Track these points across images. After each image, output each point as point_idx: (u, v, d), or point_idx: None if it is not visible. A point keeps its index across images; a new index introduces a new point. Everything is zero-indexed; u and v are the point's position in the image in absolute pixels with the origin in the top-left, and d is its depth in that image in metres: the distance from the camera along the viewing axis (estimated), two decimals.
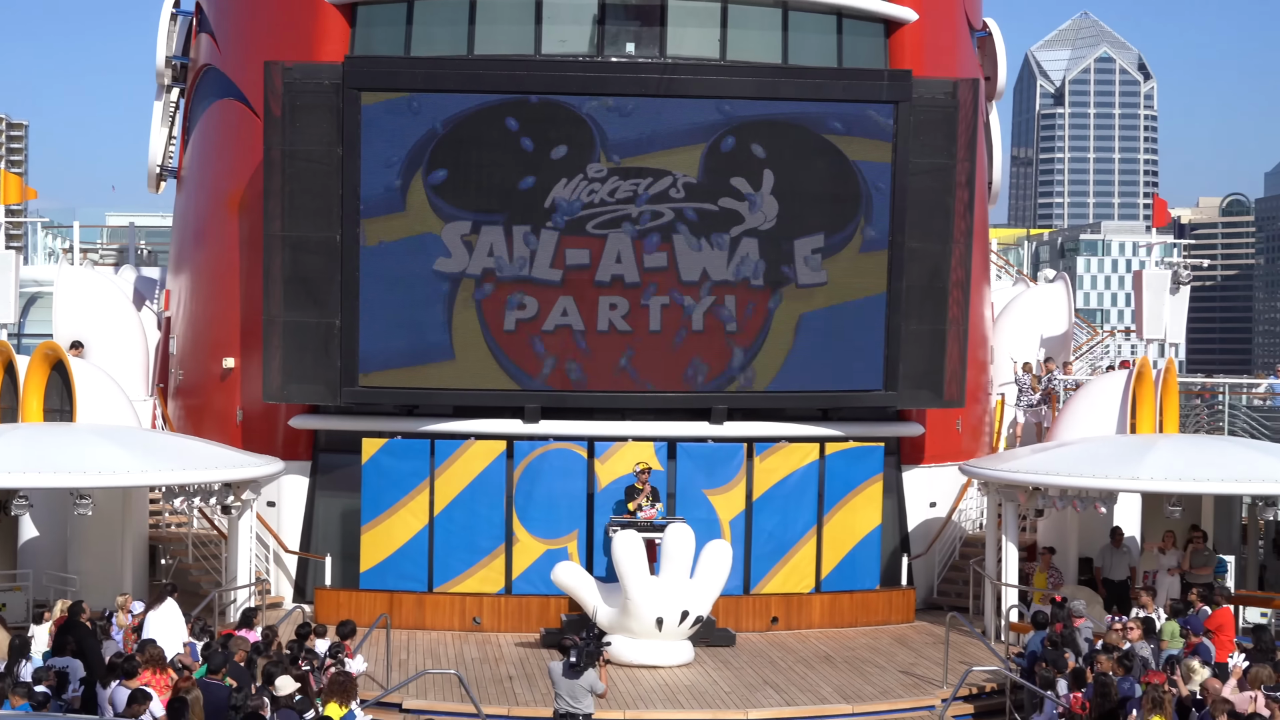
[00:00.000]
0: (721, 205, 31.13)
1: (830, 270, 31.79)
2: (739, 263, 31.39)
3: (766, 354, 31.87)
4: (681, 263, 31.25)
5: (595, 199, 30.87)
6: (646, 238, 31.05)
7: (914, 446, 34.81)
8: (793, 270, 31.65)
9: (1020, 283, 46.35)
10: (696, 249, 31.19)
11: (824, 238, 31.64)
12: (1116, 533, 31.45)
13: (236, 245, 34.29)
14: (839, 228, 31.68)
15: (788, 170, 31.23)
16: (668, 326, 31.48)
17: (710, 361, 31.76)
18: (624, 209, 30.98)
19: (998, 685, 26.30)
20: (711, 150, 30.93)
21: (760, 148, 31.07)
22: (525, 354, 31.31)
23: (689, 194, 31.04)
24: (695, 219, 31.12)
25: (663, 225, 31.08)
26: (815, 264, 31.74)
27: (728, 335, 31.65)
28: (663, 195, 30.99)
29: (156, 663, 21.33)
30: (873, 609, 32.59)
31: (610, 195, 30.88)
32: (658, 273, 31.25)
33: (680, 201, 31.04)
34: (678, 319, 31.49)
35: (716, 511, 31.82)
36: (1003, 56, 39.54)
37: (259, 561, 32.24)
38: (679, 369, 31.72)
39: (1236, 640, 25.79)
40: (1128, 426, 32.97)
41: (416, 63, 31.61)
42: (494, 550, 31.53)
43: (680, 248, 31.19)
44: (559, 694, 21.82)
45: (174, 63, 38.61)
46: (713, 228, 31.23)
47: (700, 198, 31.09)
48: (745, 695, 26.45)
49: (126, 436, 29.33)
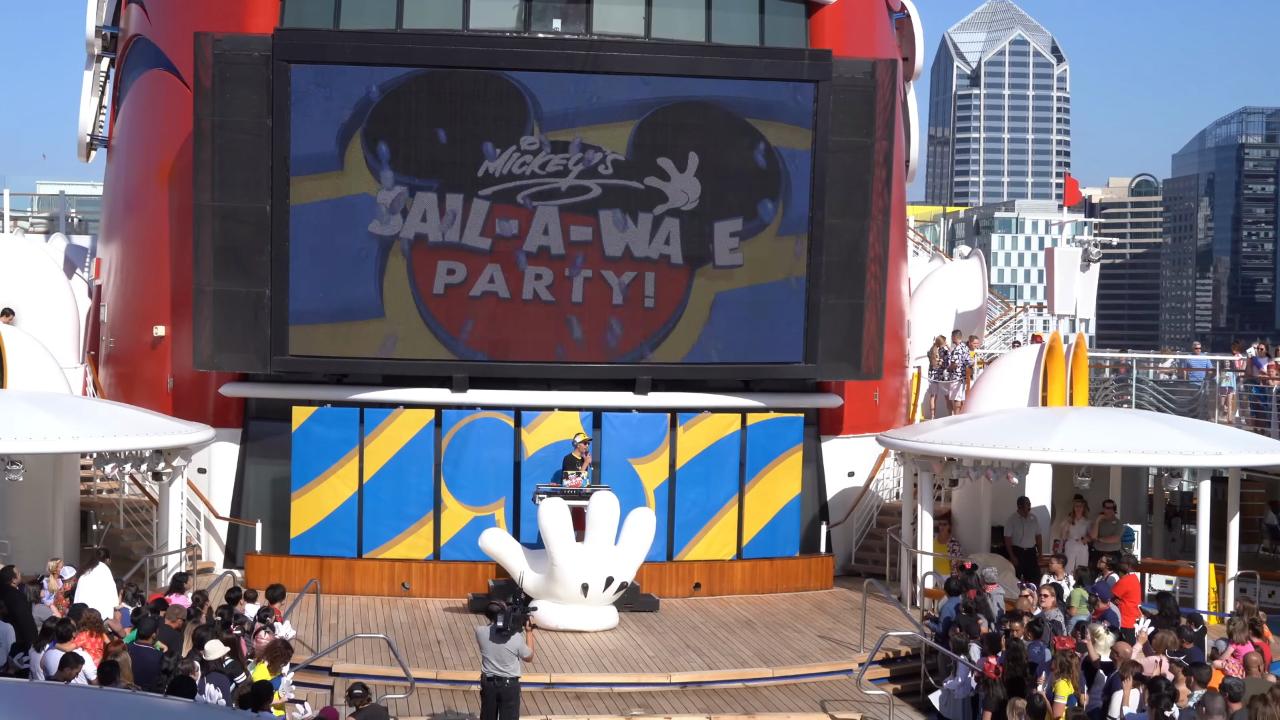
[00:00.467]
0: (647, 184, 31.64)
1: (747, 253, 32.33)
2: (661, 241, 31.91)
3: (684, 327, 32.36)
4: (606, 238, 31.77)
5: (527, 171, 31.29)
6: (574, 211, 31.53)
7: (833, 417, 35.45)
8: (711, 251, 32.17)
9: (936, 259, 47.08)
10: (621, 226, 31.69)
11: (742, 222, 32.21)
12: (1024, 502, 32.19)
13: (167, 215, 34.37)
14: (756, 213, 32.23)
15: (711, 153, 31.71)
16: (591, 299, 31.94)
17: (631, 333, 32.22)
18: (554, 182, 31.42)
19: (913, 650, 26.82)
20: (641, 129, 31.41)
21: (685, 129, 31.57)
22: (453, 317, 31.65)
23: (616, 171, 31.53)
24: (621, 196, 31.60)
25: (589, 200, 31.57)
26: (734, 245, 32.29)
27: (647, 310, 32.14)
28: (592, 171, 31.49)
29: (93, 626, 21.47)
30: (793, 575, 33.21)
31: (541, 168, 31.32)
32: (583, 246, 31.75)
33: (608, 178, 31.53)
34: (601, 291, 31.95)
35: (641, 480, 32.30)
36: (920, 38, 40.16)
37: (190, 528, 32.35)
38: (604, 340, 32.18)
39: (1141, 606, 26.62)
40: (1039, 399, 33.74)
41: (346, 35, 31.72)
42: (422, 517, 31.91)
43: (605, 224, 31.68)
44: (486, 658, 22.02)
45: (104, 32, 38.58)
46: (638, 206, 31.73)
47: (627, 175, 31.58)
48: (668, 659, 26.85)
49: (57, 403, 29.37)
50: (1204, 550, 29.75)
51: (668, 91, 31.50)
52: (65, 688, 17.03)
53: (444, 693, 24.94)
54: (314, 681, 24.64)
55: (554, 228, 31.51)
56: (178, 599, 24.35)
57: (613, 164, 31.45)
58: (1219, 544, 30.40)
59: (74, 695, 15.23)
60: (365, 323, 31.55)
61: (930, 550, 31.40)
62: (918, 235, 51.12)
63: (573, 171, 31.35)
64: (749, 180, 32.14)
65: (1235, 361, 36.02)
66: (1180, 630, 23.02)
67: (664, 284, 32.07)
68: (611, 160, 31.43)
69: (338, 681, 24.46)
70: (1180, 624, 23.55)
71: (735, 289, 32.38)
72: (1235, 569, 30.62)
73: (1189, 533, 34.62)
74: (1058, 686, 20.94)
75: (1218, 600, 30.28)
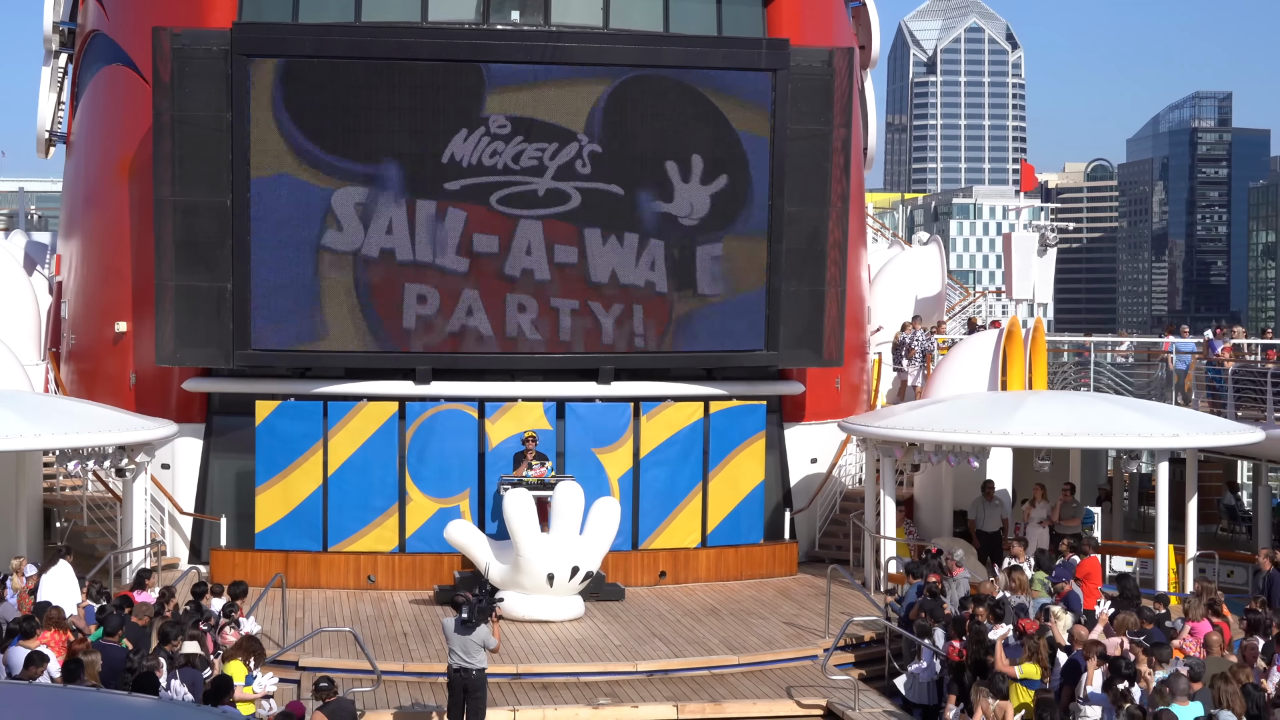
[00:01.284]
0: (629, 190, 31.72)
1: (728, 275, 32.46)
2: (647, 267, 32.02)
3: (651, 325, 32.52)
4: (592, 261, 31.82)
5: (498, 164, 31.26)
6: (554, 227, 31.56)
7: (795, 404, 35.61)
8: (694, 277, 32.32)
9: (895, 245, 47.35)
10: (604, 247, 31.79)
11: (721, 245, 32.31)
12: (988, 486, 32.42)
13: (127, 210, 34.29)
14: (731, 220, 32.37)
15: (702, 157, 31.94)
16: (560, 291, 32.01)
17: (595, 327, 32.28)
18: (531, 182, 31.40)
19: (877, 635, 26.97)
20: (609, 99, 31.41)
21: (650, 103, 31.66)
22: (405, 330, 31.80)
23: (595, 168, 31.49)
24: (604, 209, 31.67)
25: (569, 212, 31.62)
26: (716, 273, 32.44)
27: (618, 315, 32.25)
28: (569, 168, 31.45)
29: (57, 624, 21.41)
30: (757, 562, 33.38)
31: (514, 161, 31.29)
32: (568, 268, 31.83)
33: (586, 180, 31.52)
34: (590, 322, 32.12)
35: (605, 469, 32.39)
36: (876, 26, 40.31)
37: (154, 524, 32.28)
38: (566, 331, 32.22)
39: (1101, 589, 26.85)
40: (999, 384, 33.98)
41: (305, 30, 31.66)
42: (387, 510, 31.93)
43: (591, 245, 31.74)
44: (453, 649, 22.05)
45: (61, 28, 38.40)
46: (624, 224, 31.82)
47: (606, 175, 31.58)
48: (634, 648, 26.96)
49: (19, 400, 29.22)
50: (1163, 531, 30.03)
51: (626, 76, 31.59)
52: (29, 686, 17.00)
53: (411, 685, 24.95)
54: (281, 676, 24.51)
55: (537, 247, 31.61)
56: (142, 596, 24.33)
57: (590, 158, 31.39)
58: (1177, 525, 30.71)
59: (38, 694, 15.19)
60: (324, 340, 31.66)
61: (893, 535, 31.53)
62: (877, 222, 51.45)
63: (549, 168, 31.35)
64: (726, 185, 32.18)
65: (1224, 347, 36.12)
66: (1140, 611, 23.26)
67: (647, 309, 32.26)
68: (589, 152, 31.36)
69: (304, 676, 24.47)
70: (1139, 605, 23.78)
71: (709, 304, 32.59)
72: (1194, 549, 30.95)
73: (1148, 514, 34.98)
74: (1024, 669, 21.14)
75: (1177, 581, 30.58)
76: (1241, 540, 35.68)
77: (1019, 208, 40.52)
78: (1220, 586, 26.38)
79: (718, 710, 24.46)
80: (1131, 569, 31.55)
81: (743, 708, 24.52)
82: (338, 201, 31.10)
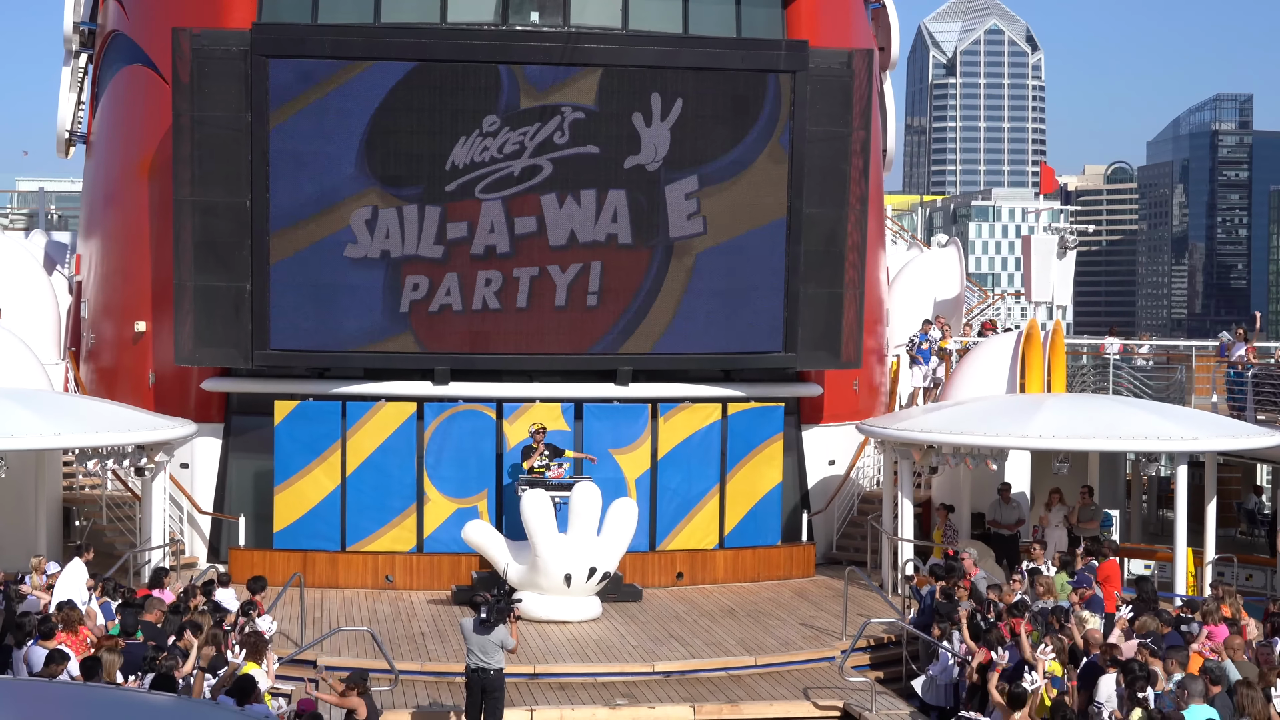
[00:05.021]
0: (606, 143, 31.39)
1: (709, 212, 32.13)
2: (608, 221, 31.71)
3: (657, 313, 32.28)
4: (551, 229, 31.51)
5: (485, 157, 31.18)
6: (518, 201, 31.33)
7: (813, 406, 35.58)
8: (665, 223, 31.96)
9: (914, 247, 47.22)
10: (561, 208, 31.44)
11: (698, 180, 31.87)
12: (1004, 488, 32.35)
13: (147, 210, 34.39)
14: (730, 147, 31.92)
15: (692, 94, 31.49)
16: (562, 294, 31.87)
17: (602, 325, 32.15)
18: (507, 165, 31.24)
19: (895, 637, 26.96)
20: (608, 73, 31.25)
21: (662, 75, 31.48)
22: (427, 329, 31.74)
23: (573, 134, 31.26)
24: (572, 169, 31.30)
25: (537, 184, 31.30)
26: (691, 209, 31.99)
27: (613, 299, 32.06)
28: (548, 143, 31.18)
29: (75, 622, 21.53)
30: (774, 564, 33.38)
31: (500, 151, 31.16)
32: (530, 238, 31.60)
33: (563, 148, 31.25)
34: (552, 289, 31.80)
35: (623, 470, 32.41)
36: (896, 28, 40.33)
37: (173, 523, 32.36)
38: (583, 332, 32.18)
39: (1117, 594, 26.72)
40: (1017, 386, 33.92)
41: (324, 30, 31.68)
42: (405, 510, 32.00)
43: (549, 209, 31.44)
44: (471, 649, 22.12)
45: (81, 28, 38.54)
46: (586, 179, 31.45)
47: (589, 136, 31.35)
48: (651, 649, 27.00)
49: (39, 400, 29.35)
50: (1181, 534, 29.93)
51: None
52: (50, 684, 17.10)
53: (429, 685, 25.02)
54: (299, 675, 24.65)
55: (500, 225, 31.36)
56: (159, 594, 24.38)
57: (571, 126, 31.16)
58: (1196, 528, 30.61)
59: (60, 691, 15.27)
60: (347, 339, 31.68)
61: (910, 537, 31.51)
62: (895, 224, 51.34)
63: (529, 148, 31.21)
64: (730, 109, 31.73)
65: (1246, 347, 35.87)
66: (1159, 614, 23.16)
67: (623, 267, 31.87)
68: (572, 120, 31.14)
69: (317, 675, 24.46)
70: (1158, 608, 23.67)
71: (701, 252, 32.18)
72: (1213, 553, 30.85)
73: (1166, 517, 34.86)
74: (1050, 667, 21.03)
75: (1196, 584, 30.48)
76: (1260, 544, 35.54)
77: (1038, 210, 40.45)
78: (1238, 590, 26.26)
79: (735, 711, 24.50)
80: (1150, 572, 31.46)
81: (759, 709, 24.55)
82: (355, 221, 31.13)
